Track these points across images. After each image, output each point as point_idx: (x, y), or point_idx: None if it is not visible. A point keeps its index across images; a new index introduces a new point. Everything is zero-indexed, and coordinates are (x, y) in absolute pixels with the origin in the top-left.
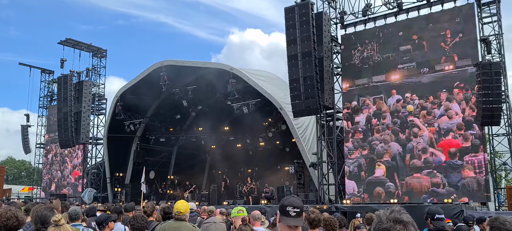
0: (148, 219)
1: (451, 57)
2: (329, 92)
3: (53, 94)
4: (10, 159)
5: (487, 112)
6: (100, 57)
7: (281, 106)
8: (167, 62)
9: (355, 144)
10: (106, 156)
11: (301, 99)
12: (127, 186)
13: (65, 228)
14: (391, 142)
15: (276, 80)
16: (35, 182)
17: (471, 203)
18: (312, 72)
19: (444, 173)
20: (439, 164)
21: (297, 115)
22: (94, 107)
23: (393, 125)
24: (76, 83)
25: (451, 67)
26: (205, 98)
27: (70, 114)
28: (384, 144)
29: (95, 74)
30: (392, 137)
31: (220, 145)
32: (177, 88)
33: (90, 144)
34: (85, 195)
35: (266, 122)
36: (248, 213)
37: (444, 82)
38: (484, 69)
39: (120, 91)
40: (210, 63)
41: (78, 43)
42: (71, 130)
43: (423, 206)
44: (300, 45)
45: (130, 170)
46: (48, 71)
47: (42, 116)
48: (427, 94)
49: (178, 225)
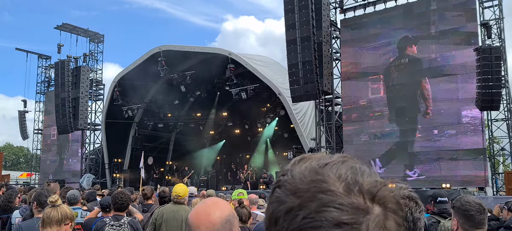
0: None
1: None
2: (328, 77)
3: (51, 80)
4: (8, 145)
5: (486, 97)
6: (97, 42)
7: (279, 92)
8: (165, 47)
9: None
10: (104, 141)
11: (300, 84)
12: (125, 171)
13: (62, 208)
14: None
15: (274, 65)
16: (34, 168)
17: (469, 188)
18: (311, 57)
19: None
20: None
21: (296, 100)
22: (92, 93)
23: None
24: (73, 69)
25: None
26: (203, 83)
27: (68, 100)
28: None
29: (92, 59)
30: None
31: (218, 130)
32: (175, 74)
33: (88, 129)
34: (84, 181)
35: (264, 108)
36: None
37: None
38: (484, 54)
39: (118, 76)
40: (208, 48)
41: (75, 28)
42: (69, 116)
43: (422, 191)
44: (299, 30)
45: (128, 155)
46: (45, 57)
47: (40, 102)
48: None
49: (177, 209)
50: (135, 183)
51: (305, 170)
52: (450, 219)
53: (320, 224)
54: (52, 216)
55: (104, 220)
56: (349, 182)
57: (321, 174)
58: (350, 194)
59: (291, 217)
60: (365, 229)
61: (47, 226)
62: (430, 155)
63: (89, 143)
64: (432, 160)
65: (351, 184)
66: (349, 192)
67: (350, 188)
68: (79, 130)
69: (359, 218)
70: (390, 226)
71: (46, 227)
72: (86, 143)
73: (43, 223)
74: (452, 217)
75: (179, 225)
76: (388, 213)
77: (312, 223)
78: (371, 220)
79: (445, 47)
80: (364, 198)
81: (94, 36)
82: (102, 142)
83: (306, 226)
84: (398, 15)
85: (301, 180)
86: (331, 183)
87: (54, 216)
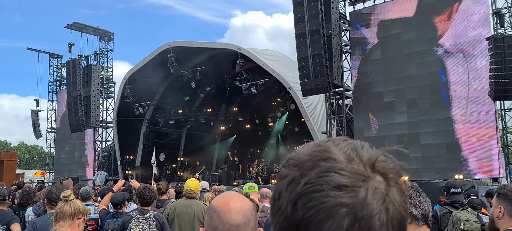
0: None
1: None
2: (338, 70)
3: (62, 79)
4: (22, 144)
5: (499, 86)
6: (107, 41)
7: (290, 86)
8: (174, 44)
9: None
10: (116, 139)
11: (310, 78)
12: (137, 168)
13: (75, 203)
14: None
15: (284, 59)
16: (47, 166)
17: (483, 179)
18: (321, 50)
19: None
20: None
21: (306, 94)
22: (103, 91)
23: None
24: (84, 67)
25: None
26: (213, 79)
27: (79, 98)
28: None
29: (103, 57)
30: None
31: (229, 126)
32: (185, 70)
33: (100, 127)
34: (97, 178)
35: (275, 102)
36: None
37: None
38: (497, 43)
39: (128, 74)
40: (217, 43)
41: (85, 27)
42: (81, 114)
43: (435, 183)
44: (308, 23)
45: (140, 152)
46: (56, 56)
47: (52, 101)
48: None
49: (189, 203)
50: (147, 179)
51: (307, 146)
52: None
53: (321, 187)
54: (65, 211)
55: (131, 214)
56: (349, 153)
57: (323, 146)
58: (351, 162)
59: (293, 186)
60: (364, 193)
61: (60, 220)
62: (442, 146)
63: (101, 140)
64: (444, 151)
65: (352, 154)
66: (350, 161)
67: (351, 157)
68: (91, 128)
69: (359, 182)
70: (393, 195)
71: (59, 221)
72: (98, 141)
73: (56, 217)
74: (495, 204)
75: (191, 219)
76: (390, 182)
77: (313, 187)
78: (370, 185)
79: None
80: (365, 166)
81: (104, 34)
82: (114, 140)
83: (307, 191)
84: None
85: (303, 153)
86: (332, 152)
87: (67, 210)
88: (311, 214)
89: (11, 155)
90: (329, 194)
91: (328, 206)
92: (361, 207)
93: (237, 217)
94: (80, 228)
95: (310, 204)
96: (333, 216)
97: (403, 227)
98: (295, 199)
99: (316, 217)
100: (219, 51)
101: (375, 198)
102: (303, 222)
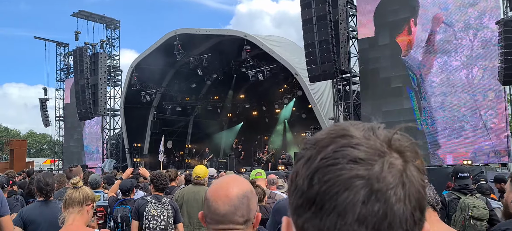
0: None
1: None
2: (345, 56)
3: (70, 67)
4: (31, 132)
5: (509, 71)
6: (113, 29)
7: (296, 72)
8: (180, 31)
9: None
10: (123, 127)
11: (317, 64)
12: (145, 156)
13: (84, 189)
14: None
15: (290, 46)
16: (56, 154)
17: (491, 164)
18: (328, 36)
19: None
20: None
21: (313, 80)
22: (110, 79)
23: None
24: (91, 56)
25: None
26: (220, 66)
27: (87, 86)
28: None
29: (109, 45)
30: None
31: (236, 113)
32: (191, 57)
33: (108, 115)
34: (105, 166)
35: (281, 89)
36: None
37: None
38: (507, 27)
39: (135, 62)
40: (224, 30)
41: (91, 15)
42: (89, 102)
43: (443, 168)
44: (314, 8)
45: (148, 140)
46: (63, 45)
47: (60, 89)
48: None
49: (198, 190)
50: (155, 167)
51: (325, 128)
52: (470, 195)
53: (336, 161)
54: (74, 197)
55: (145, 198)
56: (366, 131)
57: (340, 125)
58: (368, 139)
59: (309, 164)
60: (379, 167)
61: (69, 207)
62: (451, 130)
63: (109, 128)
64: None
65: (368, 132)
66: (367, 138)
67: (368, 135)
68: (99, 116)
69: (375, 157)
70: (412, 172)
71: (68, 208)
72: (106, 129)
73: (65, 204)
74: (509, 189)
75: (199, 206)
76: (407, 159)
77: (329, 161)
78: (386, 159)
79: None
80: (381, 143)
81: (110, 22)
82: (121, 127)
83: (323, 165)
84: None
85: (320, 133)
86: (349, 130)
87: (76, 197)
88: (327, 187)
89: (21, 144)
90: (345, 167)
91: (344, 178)
92: (377, 179)
93: (224, 207)
94: (89, 215)
95: (326, 178)
96: (349, 188)
97: (422, 205)
98: (311, 174)
99: (332, 189)
100: (225, 38)
101: (391, 172)
102: (319, 195)
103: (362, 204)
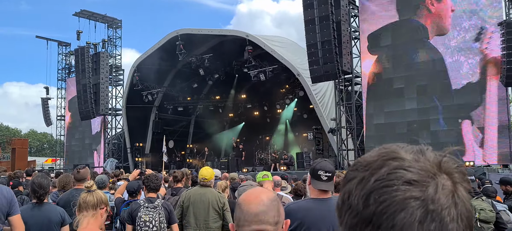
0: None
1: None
2: (347, 57)
3: (71, 67)
4: (32, 131)
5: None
6: (115, 28)
7: (298, 72)
8: (182, 31)
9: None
10: (125, 126)
11: (319, 64)
12: (147, 155)
13: (97, 193)
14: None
15: (292, 46)
16: (58, 153)
17: (493, 166)
18: (330, 37)
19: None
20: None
21: (316, 81)
22: (112, 79)
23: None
24: (93, 55)
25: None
26: (222, 66)
27: (88, 86)
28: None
29: (111, 45)
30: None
31: (237, 113)
32: (193, 57)
33: (110, 115)
34: (107, 165)
35: (283, 89)
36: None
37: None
38: (509, 28)
39: (137, 61)
40: (226, 30)
41: (93, 14)
42: (90, 102)
43: None
44: (317, 9)
45: (149, 139)
46: (65, 44)
47: (61, 88)
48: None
49: (204, 191)
50: (157, 166)
51: (373, 150)
52: (476, 197)
53: (391, 183)
54: (88, 201)
55: (138, 202)
56: (416, 154)
57: (389, 148)
58: (418, 161)
59: (363, 184)
60: (433, 188)
61: (83, 210)
62: (453, 132)
63: (111, 128)
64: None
65: (418, 155)
66: (417, 160)
67: (418, 157)
68: (101, 115)
69: (427, 179)
70: (461, 192)
71: (82, 211)
72: (108, 128)
73: (79, 208)
74: None
75: (205, 207)
76: (456, 181)
77: (383, 183)
78: (439, 181)
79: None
80: (431, 165)
81: (112, 22)
82: (123, 127)
83: (378, 186)
84: None
85: (370, 156)
86: (399, 153)
87: (90, 200)
88: (383, 207)
89: (22, 143)
90: (400, 188)
91: (400, 199)
92: (431, 200)
93: (256, 207)
94: (103, 218)
95: (382, 198)
96: (405, 208)
97: (471, 224)
98: (367, 195)
99: (389, 209)
100: (227, 38)
101: (444, 194)
102: (375, 215)
103: (419, 224)
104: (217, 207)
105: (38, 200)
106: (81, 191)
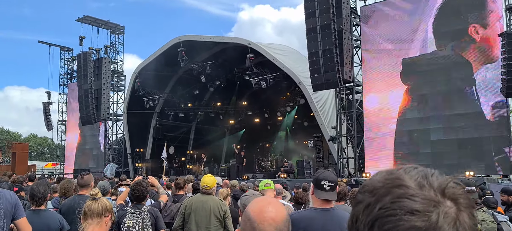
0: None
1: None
2: (349, 66)
3: (73, 72)
4: (33, 135)
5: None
6: (117, 34)
7: (300, 80)
8: (184, 38)
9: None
10: (126, 132)
11: (320, 72)
12: (147, 161)
13: (102, 201)
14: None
15: (293, 54)
16: (58, 158)
17: (493, 176)
18: (332, 45)
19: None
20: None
21: (317, 89)
22: (113, 84)
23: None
24: (95, 61)
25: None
26: (223, 73)
27: (90, 91)
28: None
29: (113, 51)
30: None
31: (238, 119)
32: (195, 64)
33: (111, 120)
34: (107, 170)
35: (284, 96)
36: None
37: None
38: (510, 39)
39: (139, 67)
40: (227, 37)
41: (95, 20)
42: (92, 107)
43: None
44: (319, 17)
45: (150, 145)
46: (67, 49)
47: (63, 93)
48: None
49: (206, 199)
50: (157, 172)
51: (381, 174)
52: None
53: (395, 212)
54: (93, 209)
55: (125, 209)
56: (420, 180)
57: (395, 174)
58: (422, 189)
59: (369, 211)
60: (435, 218)
61: (88, 218)
62: (453, 142)
63: (112, 133)
64: (455, 147)
65: (422, 181)
66: (421, 187)
67: (422, 184)
68: (102, 121)
69: (430, 208)
70: (464, 219)
71: (87, 219)
72: (109, 133)
73: (84, 215)
74: None
75: (207, 215)
76: (460, 207)
77: (387, 212)
78: (441, 210)
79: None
80: (435, 193)
81: (115, 28)
82: (124, 132)
83: (382, 215)
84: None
85: (377, 181)
86: (404, 179)
87: (95, 208)
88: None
89: (23, 147)
90: (403, 218)
91: (403, 229)
92: (433, 230)
93: (270, 228)
94: (107, 226)
95: (385, 227)
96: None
97: None
98: (372, 222)
99: None
100: (229, 45)
101: (446, 222)
102: None
103: None
104: (219, 215)
105: (37, 204)
106: (84, 197)
